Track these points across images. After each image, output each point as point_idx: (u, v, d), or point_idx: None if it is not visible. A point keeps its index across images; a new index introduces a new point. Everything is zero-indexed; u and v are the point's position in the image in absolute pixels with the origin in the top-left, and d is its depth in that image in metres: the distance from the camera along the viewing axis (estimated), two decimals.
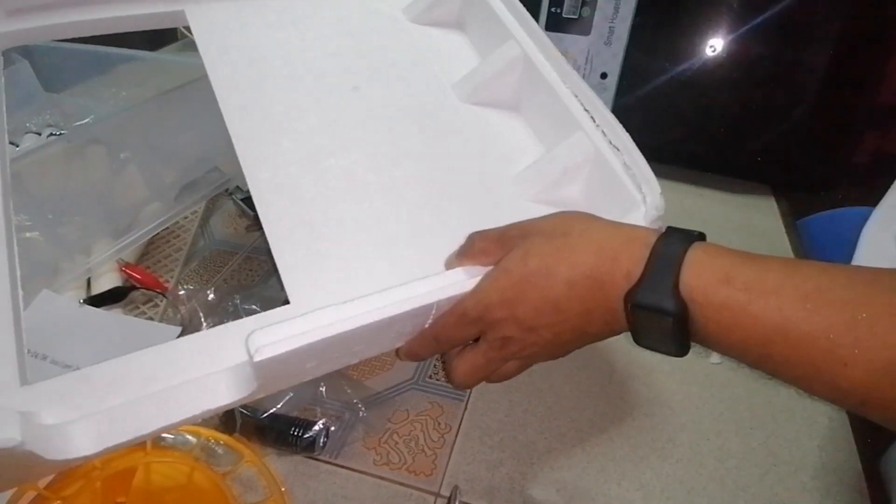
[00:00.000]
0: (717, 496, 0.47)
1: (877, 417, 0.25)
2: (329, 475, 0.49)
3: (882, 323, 0.24)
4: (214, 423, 0.50)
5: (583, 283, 0.31)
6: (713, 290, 0.28)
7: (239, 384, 0.31)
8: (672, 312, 0.28)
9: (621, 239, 0.31)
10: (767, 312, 0.26)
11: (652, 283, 0.29)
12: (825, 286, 0.26)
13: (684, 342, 0.30)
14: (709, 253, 0.29)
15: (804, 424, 0.53)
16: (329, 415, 0.52)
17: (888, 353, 0.23)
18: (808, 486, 0.48)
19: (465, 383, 0.37)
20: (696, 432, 0.52)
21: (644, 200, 0.39)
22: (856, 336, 0.24)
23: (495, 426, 0.53)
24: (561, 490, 0.48)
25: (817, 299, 0.25)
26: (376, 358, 0.58)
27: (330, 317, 0.31)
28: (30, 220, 0.55)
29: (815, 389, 0.26)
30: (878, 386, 0.24)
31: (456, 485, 0.47)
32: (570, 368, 0.58)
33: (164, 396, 0.30)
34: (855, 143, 0.85)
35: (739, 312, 0.27)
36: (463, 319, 0.34)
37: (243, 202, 0.76)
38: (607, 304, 0.31)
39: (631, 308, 0.30)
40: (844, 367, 0.24)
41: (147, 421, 0.30)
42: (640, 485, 0.48)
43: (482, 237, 0.35)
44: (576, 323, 0.32)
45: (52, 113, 0.76)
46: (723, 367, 0.58)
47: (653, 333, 0.30)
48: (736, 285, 0.27)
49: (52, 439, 0.28)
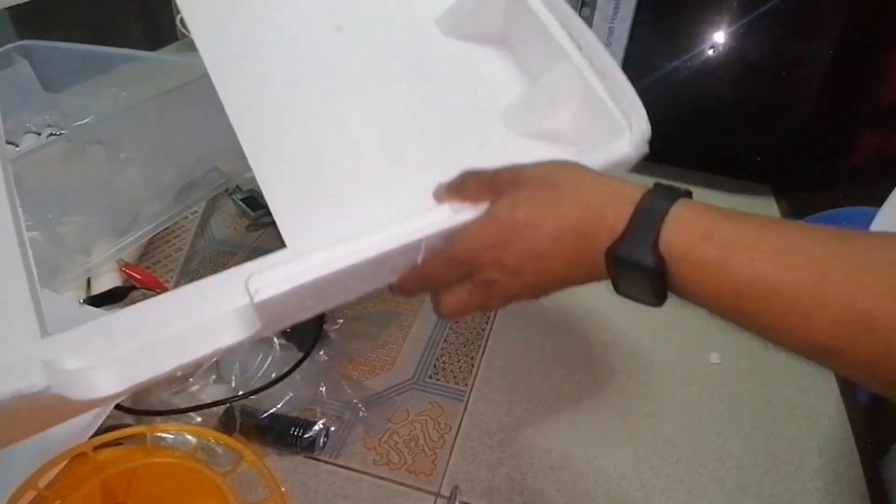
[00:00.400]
0: (717, 496, 0.47)
1: (836, 368, 0.27)
2: (329, 475, 0.49)
3: (849, 279, 0.25)
4: (214, 423, 0.50)
5: (568, 235, 0.32)
6: (692, 246, 0.29)
7: (244, 324, 0.33)
8: (650, 268, 0.29)
9: (608, 194, 0.32)
10: (741, 268, 0.27)
11: (633, 239, 0.30)
12: (798, 242, 0.27)
13: (662, 294, 0.31)
14: (693, 210, 0.30)
15: (804, 424, 0.53)
16: (329, 415, 0.52)
17: (853, 306, 0.25)
18: (808, 486, 0.48)
19: (451, 316, 0.39)
20: (696, 432, 0.52)
21: (630, 127, 0.39)
22: (823, 291, 0.25)
23: (495, 426, 0.53)
24: (561, 490, 0.48)
25: (788, 255, 0.27)
26: (376, 358, 0.59)
27: (324, 256, 0.33)
28: (30, 220, 0.55)
29: (781, 340, 0.28)
30: (839, 338, 0.25)
31: (456, 485, 0.47)
32: (569, 368, 0.58)
33: (177, 339, 0.33)
34: (855, 142, 0.85)
35: (715, 268, 0.28)
36: (451, 262, 0.36)
37: (243, 202, 0.76)
38: (591, 256, 0.32)
39: (612, 262, 0.31)
40: (809, 319, 0.26)
41: (164, 360, 0.32)
42: (640, 485, 0.48)
43: (475, 178, 0.36)
44: (559, 271, 0.34)
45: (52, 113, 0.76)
46: (723, 367, 0.58)
47: (632, 285, 0.32)
48: (714, 242, 0.28)
49: (77, 383, 0.30)
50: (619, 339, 0.61)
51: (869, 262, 0.25)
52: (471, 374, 0.57)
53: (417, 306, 0.65)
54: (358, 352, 0.59)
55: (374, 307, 0.65)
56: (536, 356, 0.59)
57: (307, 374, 0.53)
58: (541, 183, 0.34)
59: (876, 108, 0.82)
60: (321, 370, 0.54)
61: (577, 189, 0.33)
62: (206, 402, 0.50)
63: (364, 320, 0.61)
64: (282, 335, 0.58)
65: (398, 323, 0.62)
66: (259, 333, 0.34)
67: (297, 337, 0.57)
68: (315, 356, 0.55)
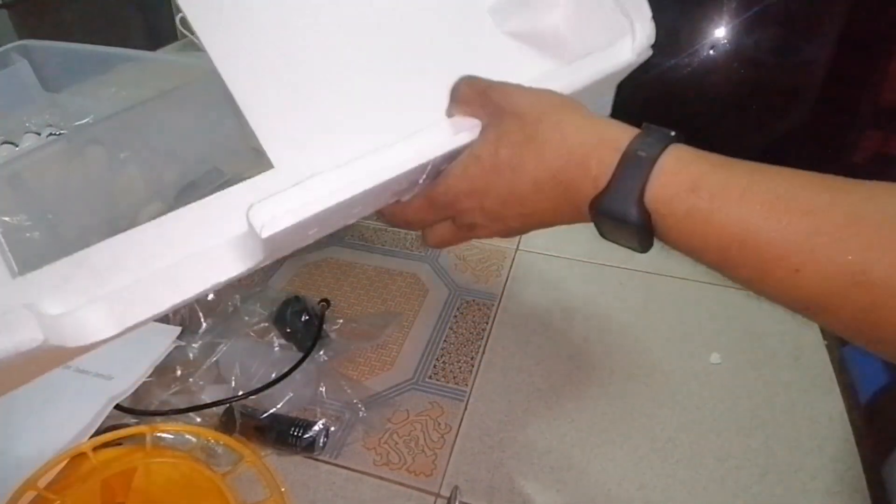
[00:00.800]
0: (717, 496, 0.47)
1: (822, 322, 0.27)
2: (329, 475, 0.49)
3: (842, 232, 0.24)
4: (214, 423, 0.50)
5: (549, 183, 0.31)
6: (679, 200, 0.28)
7: (244, 255, 0.31)
8: (635, 223, 0.29)
9: (593, 141, 0.30)
10: (728, 222, 0.27)
11: (617, 191, 0.29)
12: (789, 194, 0.26)
13: (647, 243, 0.30)
14: (681, 160, 0.29)
15: (804, 424, 0.52)
16: (329, 415, 0.52)
17: (843, 261, 0.24)
18: (807, 486, 0.48)
19: (436, 247, 0.41)
20: (696, 432, 0.52)
21: (633, 27, 0.37)
22: (812, 245, 0.24)
23: (495, 426, 0.53)
24: (561, 490, 0.48)
25: (779, 207, 0.26)
26: (376, 358, 0.59)
27: (331, 184, 0.31)
28: (30, 220, 0.55)
29: (767, 293, 0.27)
30: (827, 293, 0.24)
31: (456, 485, 0.47)
32: (569, 368, 0.58)
33: (170, 272, 0.30)
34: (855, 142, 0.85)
35: (701, 221, 0.27)
36: (433, 205, 0.36)
37: None
38: (574, 204, 0.31)
39: (595, 214, 0.30)
40: (796, 272, 0.25)
41: (161, 297, 0.29)
42: (640, 485, 0.48)
43: (467, 83, 0.35)
44: (542, 216, 0.33)
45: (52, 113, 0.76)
46: (723, 367, 0.58)
47: (617, 235, 0.31)
48: (702, 194, 0.27)
49: (68, 328, 0.28)
50: (619, 339, 0.61)
51: (863, 214, 0.24)
52: (471, 374, 0.57)
53: (417, 306, 0.65)
54: (358, 352, 0.59)
55: (373, 307, 0.65)
56: (536, 356, 0.59)
57: (307, 374, 0.53)
58: (525, 117, 0.32)
59: (876, 108, 0.82)
60: (321, 370, 0.54)
61: (560, 131, 0.31)
62: (206, 402, 0.50)
63: (364, 320, 0.61)
64: (282, 335, 0.58)
65: (398, 323, 0.62)
66: (259, 265, 0.32)
67: (297, 337, 0.57)
68: (315, 356, 0.55)
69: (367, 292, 0.67)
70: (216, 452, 0.46)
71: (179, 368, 0.54)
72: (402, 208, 0.38)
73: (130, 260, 0.30)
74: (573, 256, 0.71)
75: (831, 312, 0.25)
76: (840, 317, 0.25)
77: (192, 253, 0.30)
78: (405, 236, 0.75)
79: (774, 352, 0.59)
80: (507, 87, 0.34)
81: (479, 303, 0.65)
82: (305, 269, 0.70)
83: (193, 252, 0.30)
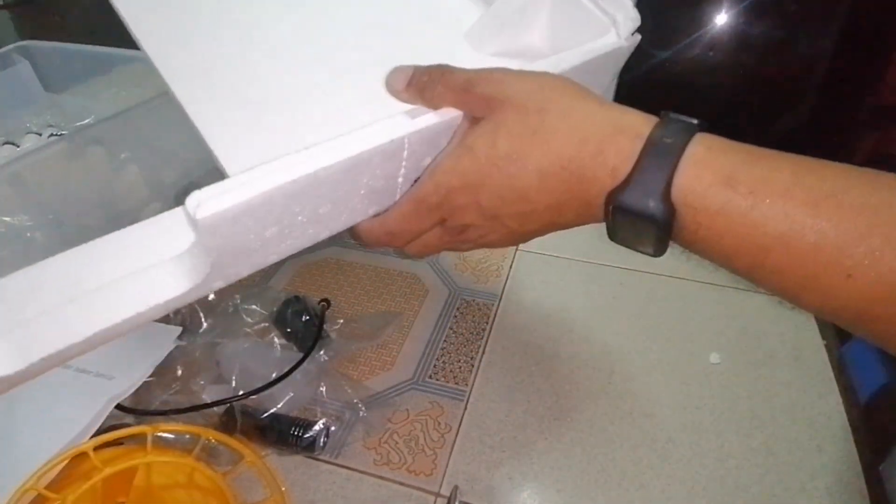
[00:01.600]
0: (717, 496, 0.47)
1: (869, 332, 0.24)
2: (329, 475, 0.49)
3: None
4: (215, 422, 0.50)
5: (558, 175, 0.28)
6: (712, 193, 0.24)
7: (187, 269, 0.26)
8: (659, 220, 0.25)
9: (609, 129, 0.27)
10: (771, 219, 0.23)
11: (641, 184, 0.25)
12: (841, 189, 0.23)
13: (664, 245, 0.27)
14: (712, 150, 0.25)
15: (804, 424, 0.53)
16: (329, 415, 0.52)
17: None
18: (807, 486, 0.48)
19: (421, 255, 0.35)
20: (696, 432, 0.52)
21: (615, 22, 0.34)
22: (868, 246, 0.22)
23: (495, 426, 0.53)
24: (561, 490, 0.48)
25: (830, 205, 0.22)
26: (376, 358, 0.59)
27: (280, 167, 0.27)
28: (30, 220, 0.55)
29: (809, 300, 0.24)
30: (881, 301, 0.22)
31: (456, 485, 0.47)
32: (569, 368, 0.58)
33: (99, 295, 0.26)
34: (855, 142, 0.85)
35: (738, 219, 0.24)
36: (421, 206, 0.31)
37: None
38: (584, 199, 0.28)
39: (612, 210, 0.27)
40: (847, 278, 0.22)
41: (82, 325, 0.25)
42: (640, 485, 0.48)
43: (445, 82, 0.30)
44: (544, 215, 0.29)
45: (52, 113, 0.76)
46: (723, 367, 0.58)
47: (632, 235, 0.27)
48: (739, 189, 0.24)
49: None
50: (619, 339, 0.61)
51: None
52: (471, 374, 0.57)
53: (417, 306, 0.65)
54: (358, 352, 0.59)
55: (373, 307, 0.65)
56: (536, 356, 0.59)
57: (307, 374, 0.53)
58: (525, 106, 0.28)
59: (876, 108, 0.82)
60: (321, 370, 0.54)
61: (570, 117, 0.27)
62: (207, 402, 0.50)
63: (364, 320, 0.61)
64: (282, 335, 0.58)
65: (398, 323, 0.63)
66: (209, 281, 0.27)
67: (298, 337, 0.57)
68: (315, 356, 0.55)
69: (367, 292, 0.67)
70: (217, 452, 0.46)
71: (180, 368, 0.54)
72: (381, 220, 0.33)
73: (54, 286, 0.26)
74: (573, 256, 0.71)
75: (884, 321, 0.22)
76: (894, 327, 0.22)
77: (127, 273, 0.27)
78: None
79: (774, 352, 0.59)
80: (496, 75, 0.30)
81: (479, 303, 0.65)
82: (305, 269, 0.70)
83: (129, 272, 0.27)
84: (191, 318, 0.58)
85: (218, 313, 0.59)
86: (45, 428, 0.46)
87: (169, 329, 0.56)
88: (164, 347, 0.54)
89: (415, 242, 0.34)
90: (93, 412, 0.46)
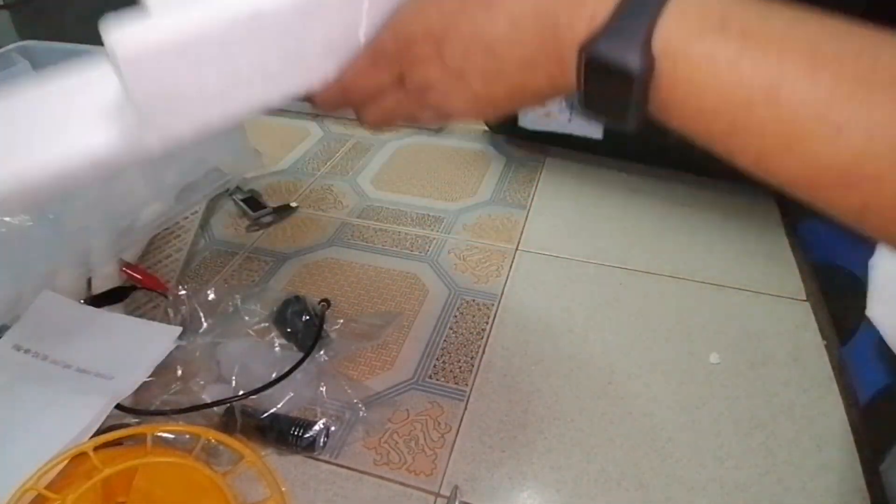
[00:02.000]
0: (716, 496, 0.47)
1: (852, 198, 0.21)
2: (329, 475, 0.49)
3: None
4: (215, 422, 0.50)
5: (531, 21, 0.25)
6: (698, 37, 0.22)
7: (114, 118, 0.23)
8: (634, 71, 0.22)
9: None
10: (762, 66, 0.21)
11: (619, 30, 0.22)
12: (844, 35, 0.21)
13: (642, 108, 0.24)
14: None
15: (804, 424, 0.53)
16: (329, 415, 0.52)
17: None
18: (807, 485, 0.48)
19: (376, 127, 0.32)
20: (696, 432, 0.52)
21: None
22: (865, 97, 0.19)
23: (495, 426, 0.53)
24: (561, 490, 0.48)
25: (829, 51, 0.20)
26: (376, 358, 0.59)
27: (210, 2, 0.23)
28: (30, 220, 0.55)
29: (782, 165, 0.22)
30: (871, 158, 0.19)
31: (456, 485, 0.47)
32: (569, 368, 0.58)
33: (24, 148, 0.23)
34: None
35: (724, 67, 0.21)
36: (379, 57, 0.28)
37: (243, 202, 0.76)
38: (557, 54, 0.25)
39: (585, 62, 0.24)
40: (838, 132, 0.20)
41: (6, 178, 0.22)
42: (640, 485, 0.48)
43: None
44: (513, 75, 0.27)
45: None
46: (723, 367, 0.58)
47: (606, 97, 0.24)
48: (731, 30, 0.21)
49: None
50: (618, 339, 0.61)
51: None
52: (471, 374, 0.57)
53: (417, 306, 0.65)
54: (358, 352, 0.59)
55: (373, 307, 0.65)
56: (536, 356, 0.59)
57: (307, 374, 0.53)
58: None
59: None
60: (321, 370, 0.54)
61: None
62: (207, 402, 0.50)
63: (364, 320, 0.61)
64: (282, 335, 0.58)
65: (398, 323, 0.63)
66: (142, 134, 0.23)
67: (298, 337, 0.57)
68: (315, 356, 0.55)
69: (367, 292, 0.67)
70: (217, 452, 0.46)
71: (180, 368, 0.54)
72: (338, 78, 0.30)
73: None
74: (573, 256, 0.71)
75: (873, 183, 0.20)
76: (883, 190, 0.20)
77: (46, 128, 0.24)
78: (405, 236, 0.75)
79: (773, 352, 0.59)
80: None
81: (479, 303, 0.65)
82: (305, 269, 0.70)
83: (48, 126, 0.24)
84: (191, 318, 0.58)
85: (218, 313, 0.59)
86: (45, 428, 0.46)
87: (169, 329, 0.56)
88: (164, 347, 0.54)
89: (372, 107, 0.31)
90: (93, 412, 0.46)
